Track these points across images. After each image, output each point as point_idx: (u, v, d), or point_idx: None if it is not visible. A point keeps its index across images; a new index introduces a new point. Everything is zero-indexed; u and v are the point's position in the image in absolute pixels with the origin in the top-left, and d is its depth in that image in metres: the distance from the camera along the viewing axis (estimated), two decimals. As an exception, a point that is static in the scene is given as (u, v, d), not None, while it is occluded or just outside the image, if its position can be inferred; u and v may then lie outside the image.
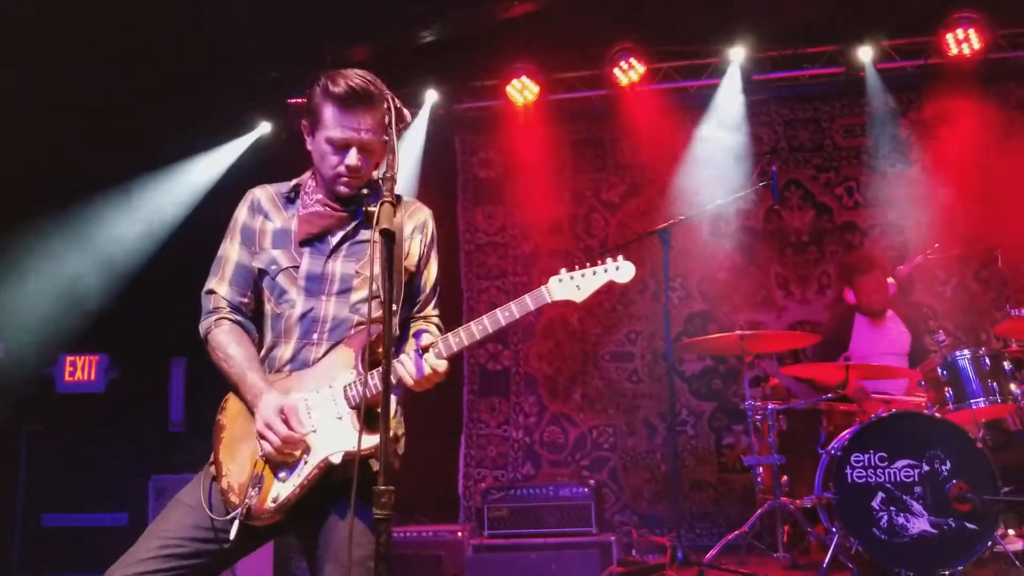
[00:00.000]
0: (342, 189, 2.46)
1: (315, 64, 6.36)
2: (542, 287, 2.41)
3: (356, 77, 2.39)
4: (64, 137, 5.75)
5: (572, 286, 2.41)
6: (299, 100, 6.76)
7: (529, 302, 2.38)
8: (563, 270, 2.43)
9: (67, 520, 5.81)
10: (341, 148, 2.42)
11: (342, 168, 2.42)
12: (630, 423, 6.44)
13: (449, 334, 2.36)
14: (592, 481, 5.40)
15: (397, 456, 2.48)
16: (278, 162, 6.58)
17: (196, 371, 6.20)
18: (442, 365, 2.31)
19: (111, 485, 5.76)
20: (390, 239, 2.11)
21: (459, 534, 5.32)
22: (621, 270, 2.43)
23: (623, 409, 6.48)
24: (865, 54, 6.29)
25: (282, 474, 2.33)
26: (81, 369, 6.18)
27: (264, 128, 6.83)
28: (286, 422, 2.31)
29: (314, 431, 2.34)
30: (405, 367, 2.31)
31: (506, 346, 6.72)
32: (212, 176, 6.60)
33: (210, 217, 6.36)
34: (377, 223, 2.10)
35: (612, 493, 6.31)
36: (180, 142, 6.42)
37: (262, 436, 2.32)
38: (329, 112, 2.41)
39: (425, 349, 2.34)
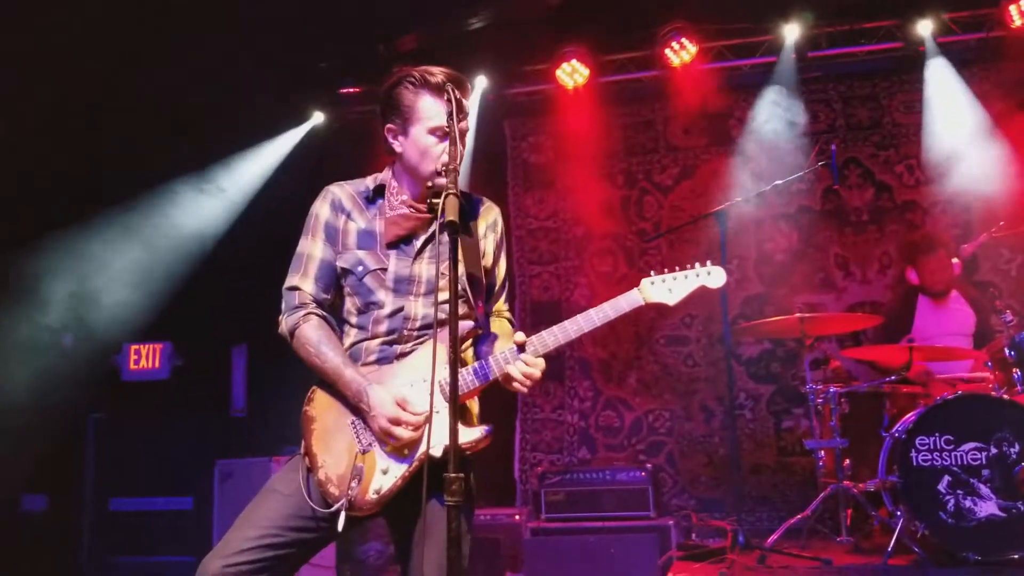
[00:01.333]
0: (442, 180, 2.36)
1: (366, 53, 6.41)
2: (635, 289, 2.46)
3: (443, 68, 2.43)
4: (125, 131, 5.86)
5: (664, 289, 2.46)
6: (351, 90, 6.83)
7: (623, 304, 2.44)
8: (652, 272, 2.48)
9: (134, 504, 5.94)
10: (444, 136, 2.41)
11: (447, 156, 2.36)
12: (687, 407, 6.41)
13: (544, 332, 2.41)
14: (649, 465, 5.39)
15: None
16: (333, 150, 6.66)
17: (257, 359, 6.32)
18: (541, 363, 2.39)
19: (176, 470, 5.88)
20: (455, 231, 2.12)
21: (516, 517, 5.36)
22: (713, 275, 2.50)
23: (679, 393, 6.45)
24: (925, 28, 6.13)
25: (383, 466, 2.35)
26: (146, 357, 6.31)
27: (317, 118, 6.90)
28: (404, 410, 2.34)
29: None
30: (515, 371, 2.37)
31: (560, 330, 6.72)
32: (268, 166, 6.70)
33: (267, 207, 6.48)
34: (442, 215, 2.12)
35: (669, 477, 6.30)
36: (236, 133, 6.51)
37: (388, 433, 2.33)
38: (427, 103, 2.42)
39: (520, 347, 2.38)
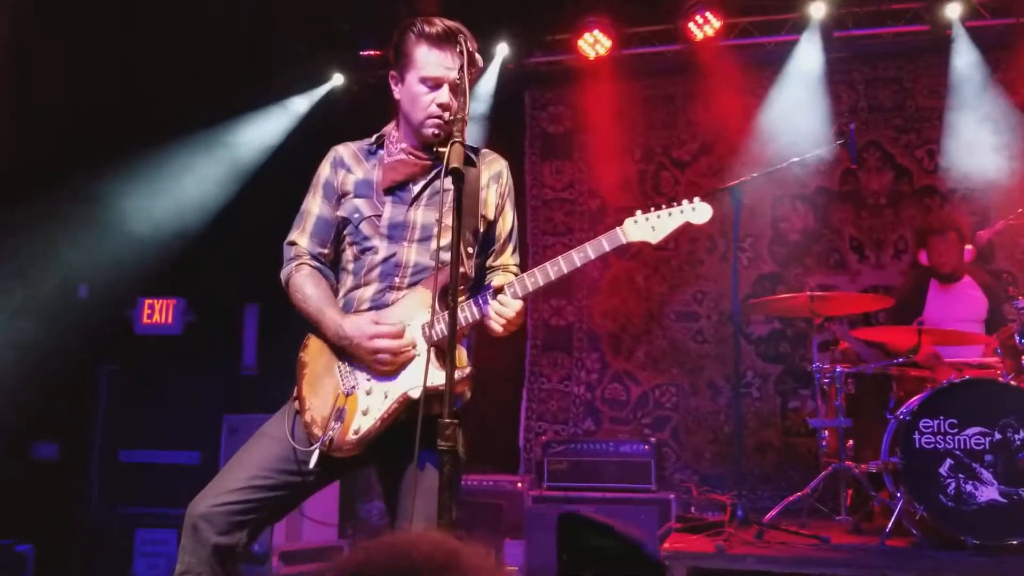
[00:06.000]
0: (434, 131, 2.49)
1: (388, 16, 6.37)
2: (617, 228, 2.45)
3: (446, 20, 2.49)
4: (141, 82, 5.87)
5: (647, 227, 2.44)
6: (372, 52, 6.80)
7: (604, 243, 2.43)
8: (638, 212, 2.45)
9: (143, 457, 6.00)
10: (434, 87, 2.48)
11: (434, 107, 2.47)
12: (694, 383, 6.41)
13: (524, 274, 2.43)
14: (653, 439, 5.41)
15: (467, 395, 2.55)
16: (351, 113, 6.66)
17: (268, 317, 6.36)
18: (516, 304, 2.38)
19: (185, 424, 5.94)
20: (459, 179, 2.14)
21: (519, 485, 5.40)
22: (698, 211, 2.46)
23: (687, 369, 6.44)
24: (953, 11, 6.03)
25: (364, 407, 2.40)
26: (159, 312, 6.36)
27: (337, 80, 6.90)
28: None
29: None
30: (491, 310, 2.38)
31: (570, 302, 6.73)
32: (287, 125, 6.69)
33: (285, 166, 6.49)
34: (447, 163, 2.13)
35: (673, 452, 6.30)
36: (256, 91, 6.51)
37: (375, 351, 2.38)
38: (423, 52, 2.49)
39: (499, 291, 2.39)
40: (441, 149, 2.23)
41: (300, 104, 6.77)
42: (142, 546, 5.47)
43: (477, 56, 2.46)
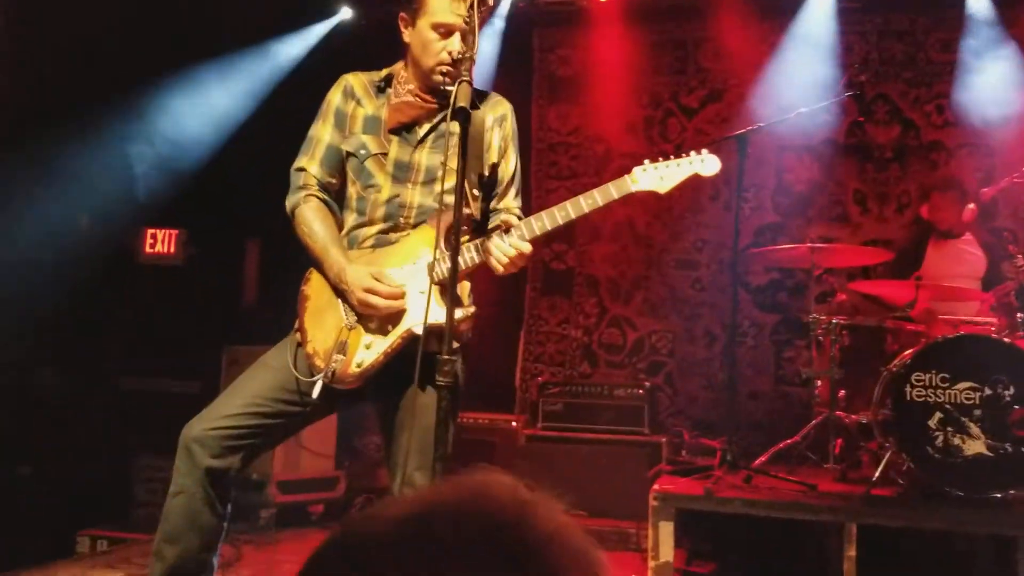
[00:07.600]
0: (446, 79, 2.46)
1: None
2: (626, 176, 2.46)
3: None
4: (143, 14, 5.81)
5: (656, 176, 2.45)
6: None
7: (612, 190, 2.44)
8: (647, 161, 2.45)
9: (143, 385, 6.09)
10: (446, 34, 2.44)
11: (445, 55, 2.44)
12: (690, 330, 6.45)
13: (532, 217, 2.44)
14: (647, 383, 5.48)
15: (469, 333, 2.58)
16: (358, 47, 6.59)
17: (269, 252, 6.39)
18: (526, 247, 2.39)
19: (186, 355, 6.01)
20: (466, 118, 2.15)
21: (514, 424, 5.49)
22: (706, 163, 2.47)
23: (684, 316, 6.48)
24: (969, -37, 5.96)
25: (367, 341, 2.43)
26: (161, 242, 6.38)
27: (345, 13, 6.82)
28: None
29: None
30: (495, 247, 2.39)
31: (571, 246, 6.74)
32: (293, 58, 6.63)
33: (291, 100, 6.44)
34: (454, 101, 2.13)
35: (667, 397, 6.37)
36: (262, 22, 6.43)
37: (366, 304, 2.40)
38: None
39: (505, 231, 2.41)
40: (449, 88, 2.23)
41: (307, 38, 6.70)
42: (141, 472, 5.57)
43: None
